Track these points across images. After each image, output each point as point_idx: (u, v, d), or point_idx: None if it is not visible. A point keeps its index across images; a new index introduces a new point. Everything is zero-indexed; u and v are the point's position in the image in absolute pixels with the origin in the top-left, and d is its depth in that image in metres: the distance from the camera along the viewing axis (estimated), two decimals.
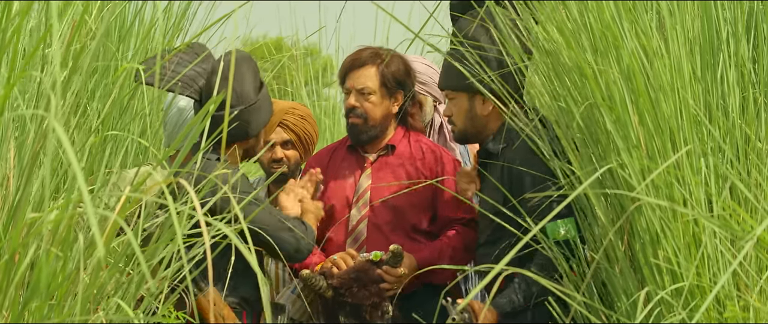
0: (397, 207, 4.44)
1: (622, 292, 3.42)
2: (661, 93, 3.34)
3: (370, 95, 4.46)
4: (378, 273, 4.28)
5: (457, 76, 4.12)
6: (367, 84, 4.45)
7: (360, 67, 4.47)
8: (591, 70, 3.44)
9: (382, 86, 4.46)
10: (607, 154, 3.44)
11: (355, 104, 4.46)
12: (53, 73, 2.84)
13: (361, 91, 4.46)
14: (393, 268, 4.29)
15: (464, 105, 4.18)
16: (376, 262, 4.30)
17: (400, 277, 4.30)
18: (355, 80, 4.47)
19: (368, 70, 4.46)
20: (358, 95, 4.46)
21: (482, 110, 4.16)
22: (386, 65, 4.45)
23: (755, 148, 3.36)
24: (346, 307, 4.29)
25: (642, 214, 3.32)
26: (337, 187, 4.52)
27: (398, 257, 4.28)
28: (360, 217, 4.46)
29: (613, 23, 3.41)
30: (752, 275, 3.20)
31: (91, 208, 2.08)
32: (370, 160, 4.52)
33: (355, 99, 4.46)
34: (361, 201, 4.47)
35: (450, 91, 4.20)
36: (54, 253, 2.68)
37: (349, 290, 4.26)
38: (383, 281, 4.29)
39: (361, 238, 4.45)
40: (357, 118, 4.47)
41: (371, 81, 4.45)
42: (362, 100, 4.46)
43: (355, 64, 4.48)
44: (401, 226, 4.44)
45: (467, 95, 4.16)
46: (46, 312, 2.75)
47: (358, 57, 4.49)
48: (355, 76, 4.47)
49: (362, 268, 4.30)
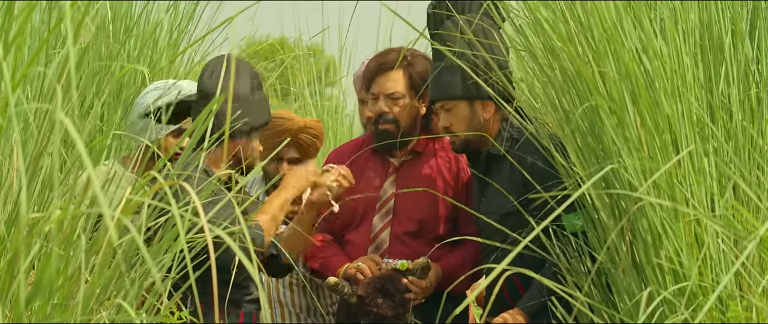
0: (421, 217, 4.41)
1: (625, 292, 3.42)
2: (663, 92, 3.34)
3: (400, 99, 4.39)
4: (404, 283, 4.27)
5: (452, 85, 4.09)
6: (397, 88, 4.39)
7: (387, 71, 4.40)
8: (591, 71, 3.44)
9: (410, 89, 4.40)
10: (608, 154, 3.44)
11: (386, 109, 4.39)
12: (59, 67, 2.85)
13: (390, 96, 4.39)
14: (419, 280, 4.27)
15: (465, 112, 4.12)
16: (402, 271, 4.29)
17: (426, 288, 4.29)
18: (382, 85, 4.40)
19: (396, 74, 4.39)
20: (387, 100, 4.39)
21: (485, 114, 4.13)
22: (413, 67, 4.39)
23: (758, 147, 3.36)
24: (369, 315, 4.29)
25: (644, 214, 3.32)
26: (360, 191, 4.46)
27: (426, 270, 4.27)
28: (383, 226, 4.43)
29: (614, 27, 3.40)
30: (755, 275, 3.20)
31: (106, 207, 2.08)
32: (394, 165, 4.47)
33: (385, 104, 4.39)
34: (385, 208, 4.44)
35: (447, 101, 4.15)
36: (56, 252, 2.69)
37: (374, 301, 4.26)
38: (408, 291, 4.27)
39: (383, 246, 4.41)
40: (388, 124, 4.40)
41: (400, 85, 4.39)
42: (392, 105, 4.39)
43: (382, 69, 4.41)
44: (424, 235, 4.42)
45: (467, 102, 4.12)
46: (49, 311, 2.75)
47: (384, 61, 4.41)
48: (382, 80, 4.40)
49: (388, 277, 4.28)
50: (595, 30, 3.43)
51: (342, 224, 4.49)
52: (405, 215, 4.41)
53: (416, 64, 4.40)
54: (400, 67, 4.39)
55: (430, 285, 4.28)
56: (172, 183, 2.65)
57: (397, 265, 4.29)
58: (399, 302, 4.26)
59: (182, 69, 5.47)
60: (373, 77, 4.43)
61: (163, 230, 2.94)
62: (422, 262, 4.24)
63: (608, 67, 3.39)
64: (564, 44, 3.53)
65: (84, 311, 2.77)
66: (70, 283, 2.77)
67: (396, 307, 4.26)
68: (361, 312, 4.29)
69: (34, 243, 2.72)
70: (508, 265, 2.51)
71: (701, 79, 3.40)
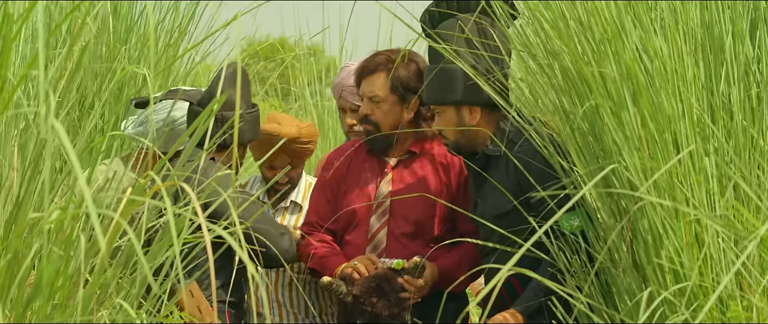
0: (417, 217, 4.41)
1: (625, 292, 3.42)
2: (664, 92, 3.34)
3: (381, 103, 4.38)
4: (399, 282, 4.27)
5: (440, 91, 4.08)
6: (377, 92, 4.38)
7: (370, 74, 4.40)
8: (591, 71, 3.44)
9: (392, 93, 4.38)
10: (608, 154, 3.44)
11: (367, 112, 4.40)
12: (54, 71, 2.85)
13: (372, 99, 4.39)
14: (414, 279, 4.27)
15: (452, 118, 4.11)
16: (398, 270, 4.29)
17: (421, 287, 4.29)
18: (365, 88, 4.40)
19: (378, 78, 4.38)
20: (369, 103, 4.40)
21: (471, 120, 4.11)
22: (397, 71, 4.36)
23: (759, 147, 3.35)
24: (365, 314, 4.29)
25: (644, 213, 3.32)
26: (357, 191, 4.47)
27: (421, 269, 4.27)
28: (380, 226, 4.43)
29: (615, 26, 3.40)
30: (755, 275, 3.20)
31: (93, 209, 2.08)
32: (390, 165, 4.47)
33: (367, 107, 4.40)
34: (381, 209, 4.44)
35: (436, 105, 4.14)
36: (56, 252, 2.69)
37: (370, 300, 4.26)
38: (404, 290, 4.27)
39: (380, 246, 4.41)
40: (369, 126, 4.41)
41: (380, 89, 4.38)
42: (373, 108, 4.39)
43: (365, 71, 4.41)
44: (421, 235, 4.41)
45: (454, 108, 4.11)
46: (49, 311, 2.75)
47: (368, 64, 4.41)
48: (366, 83, 4.40)
49: (384, 276, 4.28)
50: (595, 30, 3.43)
51: (341, 225, 4.49)
52: (401, 216, 4.40)
53: (401, 68, 4.37)
54: (384, 70, 4.37)
55: (426, 284, 4.28)
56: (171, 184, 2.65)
57: (392, 264, 4.29)
58: (394, 302, 4.26)
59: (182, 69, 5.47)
60: (358, 80, 4.45)
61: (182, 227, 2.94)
62: (418, 261, 4.24)
63: (609, 67, 3.39)
64: (564, 44, 3.53)
65: (84, 311, 2.77)
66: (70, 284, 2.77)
67: (391, 307, 4.26)
68: (357, 311, 4.29)
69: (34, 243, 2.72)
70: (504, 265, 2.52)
71: (702, 79, 3.40)
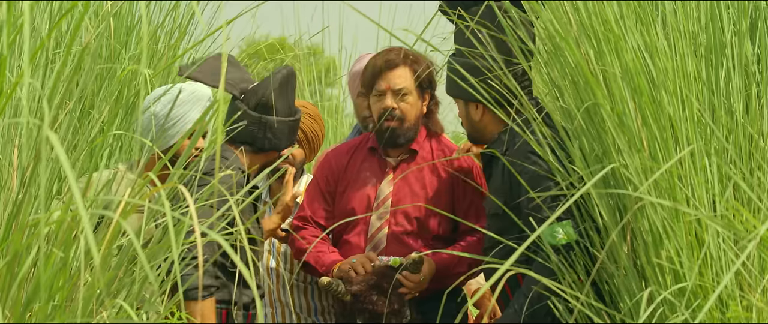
0: (418, 217, 4.41)
1: (625, 292, 3.42)
2: (664, 92, 3.34)
3: (407, 96, 4.40)
4: (397, 278, 4.28)
5: (450, 83, 4.17)
6: (405, 84, 4.39)
7: (394, 68, 4.41)
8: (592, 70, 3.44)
9: (417, 86, 4.42)
10: (608, 154, 3.44)
11: (394, 105, 4.39)
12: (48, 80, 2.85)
13: (398, 92, 4.40)
14: (412, 274, 4.28)
15: (462, 111, 4.23)
16: (395, 267, 4.29)
17: (420, 283, 4.29)
18: (390, 81, 4.39)
19: (403, 71, 4.40)
20: (394, 96, 4.40)
21: (475, 116, 4.18)
22: (417, 65, 4.41)
23: (759, 147, 3.35)
24: (364, 313, 4.29)
25: (644, 214, 3.32)
26: (357, 191, 4.47)
27: (419, 265, 4.27)
28: (380, 225, 4.43)
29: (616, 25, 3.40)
30: (755, 275, 3.20)
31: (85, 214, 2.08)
32: (391, 164, 4.48)
33: (393, 100, 4.40)
34: (382, 208, 4.43)
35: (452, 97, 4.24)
36: (56, 254, 2.69)
37: (368, 298, 4.26)
38: (402, 286, 4.28)
39: (381, 245, 4.41)
40: (394, 121, 4.40)
41: (408, 81, 4.40)
42: (399, 101, 4.39)
43: (389, 65, 4.41)
44: (421, 235, 4.41)
45: (463, 102, 4.19)
46: (49, 312, 2.75)
47: (390, 58, 4.42)
48: (390, 77, 4.40)
49: (381, 273, 4.28)
50: (596, 29, 3.43)
51: (340, 225, 4.48)
52: (402, 215, 4.41)
53: (420, 62, 4.42)
54: (406, 64, 4.41)
55: (424, 279, 4.29)
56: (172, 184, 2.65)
57: (389, 262, 4.30)
58: (393, 298, 4.26)
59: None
60: (379, 73, 4.42)
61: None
62: (415, 257, 4.25)
63: (610, 66, 3.39)
64: (565, 43, 3.53)
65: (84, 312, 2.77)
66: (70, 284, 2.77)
67: (391, 304, 4.26)
68: (357, 310, 4.29)
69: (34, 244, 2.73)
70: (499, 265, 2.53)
71: (702, 79, 3.40)
